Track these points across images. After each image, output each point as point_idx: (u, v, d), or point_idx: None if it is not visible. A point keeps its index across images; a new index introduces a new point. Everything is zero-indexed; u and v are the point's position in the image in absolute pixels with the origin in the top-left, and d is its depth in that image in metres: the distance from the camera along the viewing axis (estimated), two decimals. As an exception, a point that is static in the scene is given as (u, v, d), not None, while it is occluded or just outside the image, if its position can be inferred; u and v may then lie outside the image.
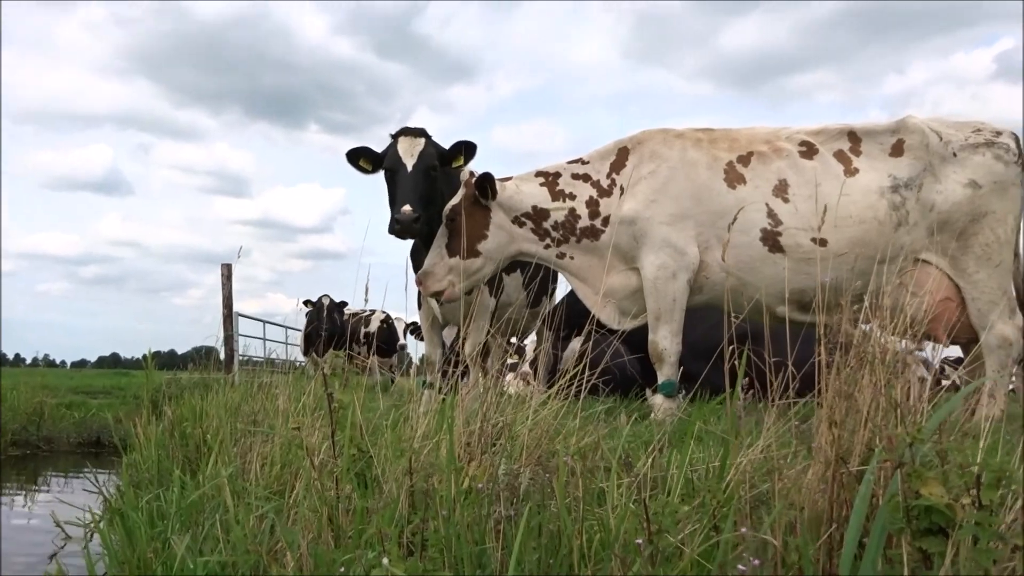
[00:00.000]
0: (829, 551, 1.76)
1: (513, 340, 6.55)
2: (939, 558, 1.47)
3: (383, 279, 6.36)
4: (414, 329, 10.63)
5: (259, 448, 2.97)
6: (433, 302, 5.06)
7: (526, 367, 8.64)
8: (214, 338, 7.82)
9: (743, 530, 1.79)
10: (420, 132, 4.87)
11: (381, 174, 4.90)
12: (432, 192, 4.75)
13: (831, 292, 4.19)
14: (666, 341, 4.50)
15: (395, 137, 4.87)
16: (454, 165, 4.89)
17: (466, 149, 4.88)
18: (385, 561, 1.63)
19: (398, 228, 4.56)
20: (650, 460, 2.30)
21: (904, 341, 2.01)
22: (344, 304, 11.18)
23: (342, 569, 1.85)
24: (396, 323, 12.52)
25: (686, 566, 1.74)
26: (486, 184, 4.72)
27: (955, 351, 5.48)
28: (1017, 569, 1.39)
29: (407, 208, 4.55)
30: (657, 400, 4.51)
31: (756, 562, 1.54)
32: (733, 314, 4.57)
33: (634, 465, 2.36)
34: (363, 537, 1.94)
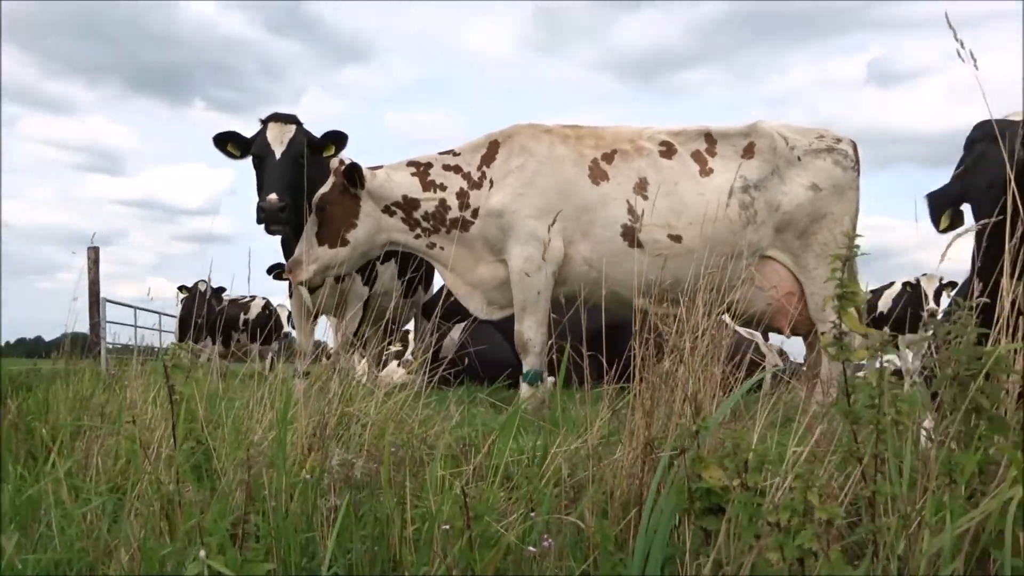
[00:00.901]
0: (635, 531, 1.90)
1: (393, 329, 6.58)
2: (716, 535, 1.62)
3: (268, 264, 6.23)
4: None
5: (103, 441, 2.91)
6: (304, 291, 5.04)
7: (409, 355, 8.67)
8: (82, 324, 7.51)
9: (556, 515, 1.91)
10: (291, 119, 4.83)
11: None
12: (301, 181, 4.72)
13: (688, 286, 4.42)
14: (531, 331, 4.64)
15: (264, 123, 4.81)
16: (324, 154, 4.87)
17: (336, 139, 4.87)
18: (202, 553, 1.66)
19: (263, 217, 4.52)
20: (486, 448, 2.40)
21: (709, 333, 2.17)
22: (222, 290, 10.90)
23: (169, 565, 1.86)
24: (279, 310, 12.29)
25: (503, 548, 1.84)
26: (354, 173, 4.73)
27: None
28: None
29: (273, 197, 4.51)
30: (523, 389, 4.64)
31: (547, 543, 1.64)
32: (596, 305, 4.80)
33: (471, 454, 2.46)
34: (188, 531, 1.95)
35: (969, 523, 1.32)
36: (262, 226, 4.63)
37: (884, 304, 10.76)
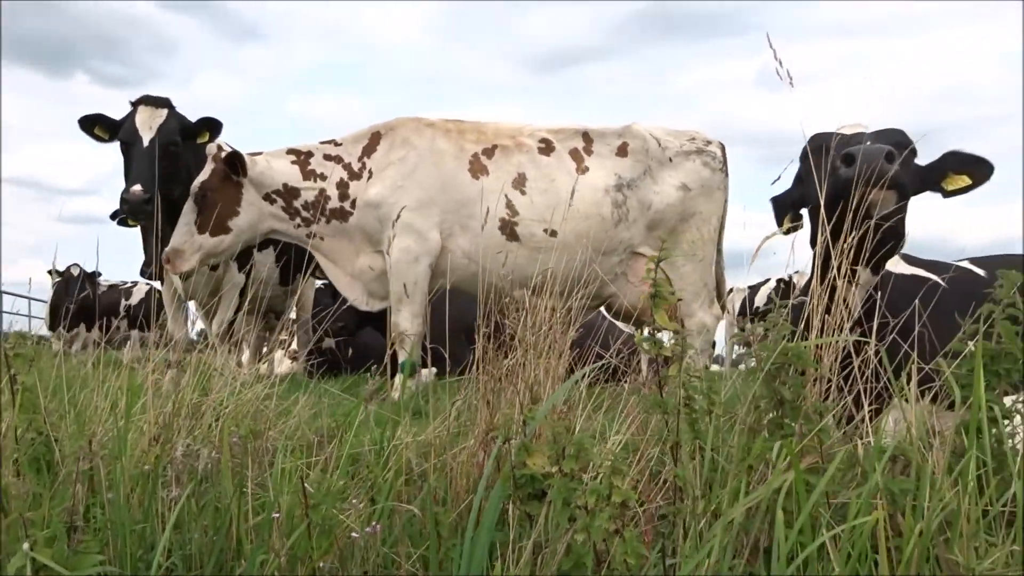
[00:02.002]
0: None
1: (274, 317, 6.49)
2: (538, 519, 1.71)
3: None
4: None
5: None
6: (176, 277, 4.92)
7: (295, 345, 8.55)
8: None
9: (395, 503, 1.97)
10: (162, 102, 4.69)
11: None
12: (172, 169, 4.60)
13: (563, 280, 4.55)
14: (407, 322, 4.68)
15: (134, 106, 4.66)
16: (199, 141, 4.76)
17: (211, 125, 4.77)
18: (25, 546, 1.64)
19: (126, 209, 4.39)
20: (339, 438, 2.43)
21: (552, 326, 2.28)
22: (97, 275, 10.45)
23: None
24: (165, 297, 11.84)
25: (340, 536, 1.89)
26: (236, 161, 4.64)
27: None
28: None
29: (137, 188, 4.38)
30: (397, 379, 4.67)
31: (370, 529, 1.70)
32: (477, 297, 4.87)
33: (325, 444, 2.49)
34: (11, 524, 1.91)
35: (750, 505, 1.45)
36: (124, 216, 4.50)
37: (760, 299, 11.28)
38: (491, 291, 4.66)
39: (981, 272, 3.66)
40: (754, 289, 11.50)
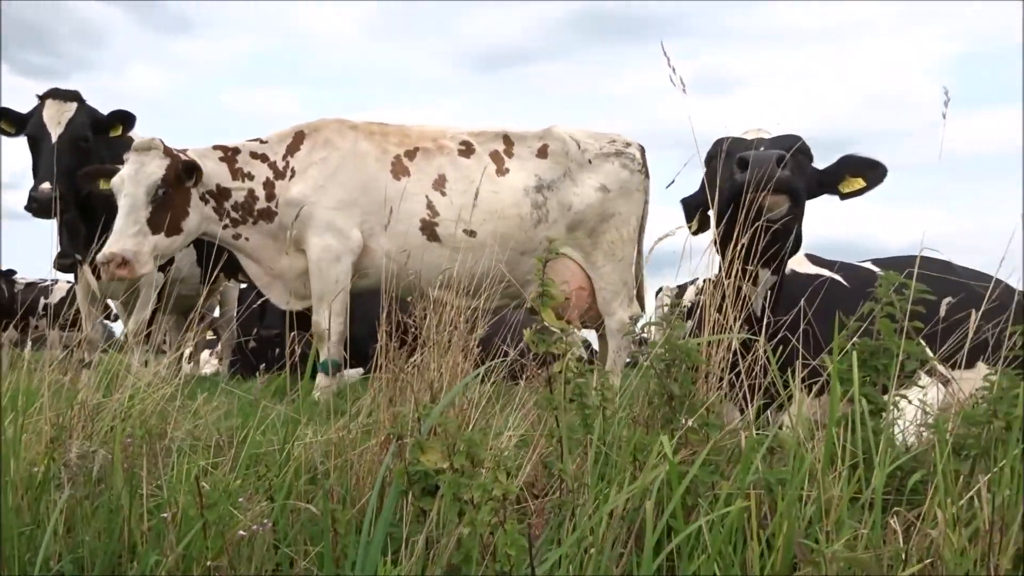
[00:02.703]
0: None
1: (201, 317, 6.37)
2: (430, 514, 1.74)
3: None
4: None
5: None
6: (90, 274, 4.79)
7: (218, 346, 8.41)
8: None
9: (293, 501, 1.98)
10: (72, 96, 4.57)
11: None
12: (83, 165, 4.49)
13: (483, 279, 4.61)
14: (328, 322, 4.66)
15: (42, 99, 4.53)
16: (112, 134, 4.65)
17: (123, 118, 4.67)
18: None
19: (35, 207, 4.26)
20: (245, 438, 2.42)
21: (456, 325, 2.31)
22: (12, 272, 10.08)
23: None
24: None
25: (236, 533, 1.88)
26: (194, 170, 4.54)
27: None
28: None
29: (45, 187, 4.26)
30: (319, 379, 4.66)
31: (257, 526, 1.71)
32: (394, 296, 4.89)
33: (226, 445, 2.47)
34: None
35: (629, 497, 1.50)
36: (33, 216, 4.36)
37: (688, 298, 11.50)
38: (409, 291, 4.72)
39: (881, 272, 3.82)
40: (683, 288, 11.72)
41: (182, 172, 4.54)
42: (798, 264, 3.77)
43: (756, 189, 2.61)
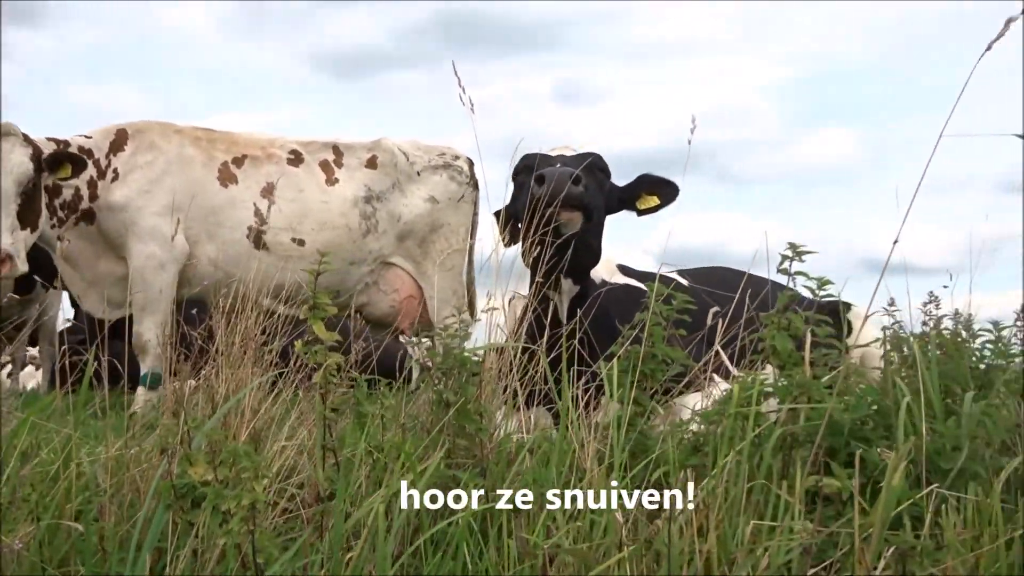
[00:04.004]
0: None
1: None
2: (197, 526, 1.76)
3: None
4: None
5: None
6: None
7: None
8: None
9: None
10: None
11: None
12: None
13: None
14: (150, 332, 4.52)
15: None
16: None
17: None
18: None
19: None
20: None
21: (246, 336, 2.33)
22: None
23: None
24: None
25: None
26: (62, 160, 4.23)
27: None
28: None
29: None
30: (139, 392, 4.50)
31: (7, 549, 1.68)
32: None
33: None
34: None
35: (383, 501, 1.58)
36: None
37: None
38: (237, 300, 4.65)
39: (685, 282, 4.10)
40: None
41: (47, 161, 4.26)
42: (609, 274, 3.99)
43: (551, 204, 2.77)
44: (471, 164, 5.15)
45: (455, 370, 2.10)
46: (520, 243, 3.04)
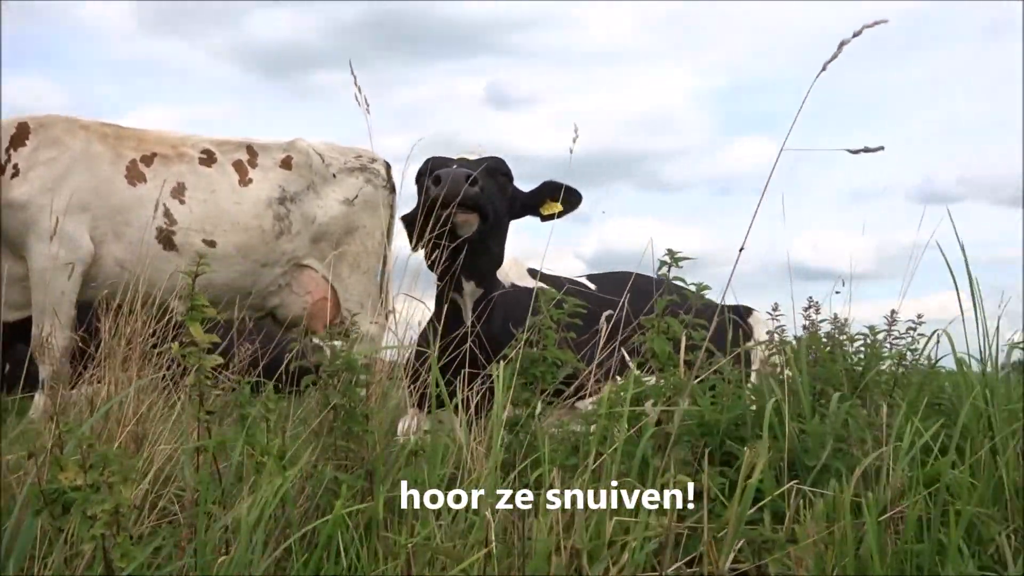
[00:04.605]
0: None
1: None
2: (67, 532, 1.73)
3: None
4: None
5: None
6: None
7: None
8: None
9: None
10: None
11: None
12: None
13: (223, 290, 4.55)
14: (52, 336, 4.38)
15: None
16: None
17: None
18: None
19: None
20: None
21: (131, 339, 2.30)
22: None
23: None
24: None
25: None
26: None
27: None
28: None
29: None
30: (37, 398, 4.37)
31: None
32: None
33: None
34: None
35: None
36: None
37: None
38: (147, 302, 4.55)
39: (593, 287, 4.18)
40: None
41: None
42: (519, 278, 4.04)
43: (447, 204, 2.80)
44: (388, 167, 5.15)
45: (342, 373, 2.11)
46: (423, 245, 3.06)
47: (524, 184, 3.49)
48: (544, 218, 3.46)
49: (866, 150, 1.55)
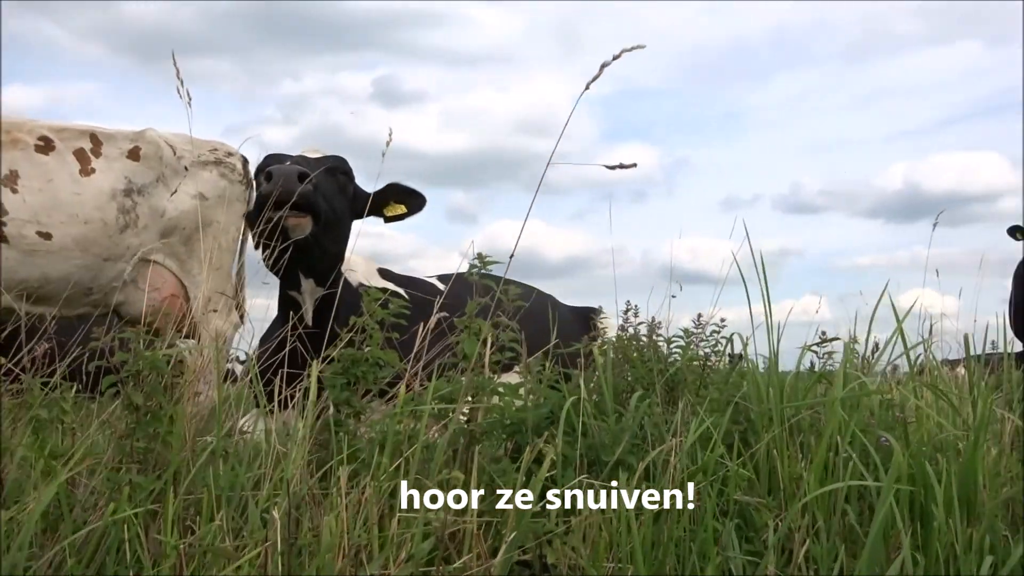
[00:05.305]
0: None
1: None
2: None
3: None
4: None
5: None
6: None
7: None
8: None
9: None
10: None
11: None
12: None
13: (60, 285, 4.35)
14: None
15: None
16: None
17: None
18: None
19: None
20: None
21: None
22: None
23: None
24: None
25: None
26: None
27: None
28: None
29: None
30: None
31: None
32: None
33: None
34: None
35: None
36: None
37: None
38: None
39: (442, 287, 4.22)
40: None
41: None
42: (368, 278, 4.04)
43: (278, 201, 2.78)
44: (245, 162, 5.03)
45: (146, 373, 2.07)
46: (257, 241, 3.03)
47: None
48: (388, 219, 3.48)
49: (621, 166, 1.65)
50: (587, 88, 1.60)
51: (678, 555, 1.88)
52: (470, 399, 2.07)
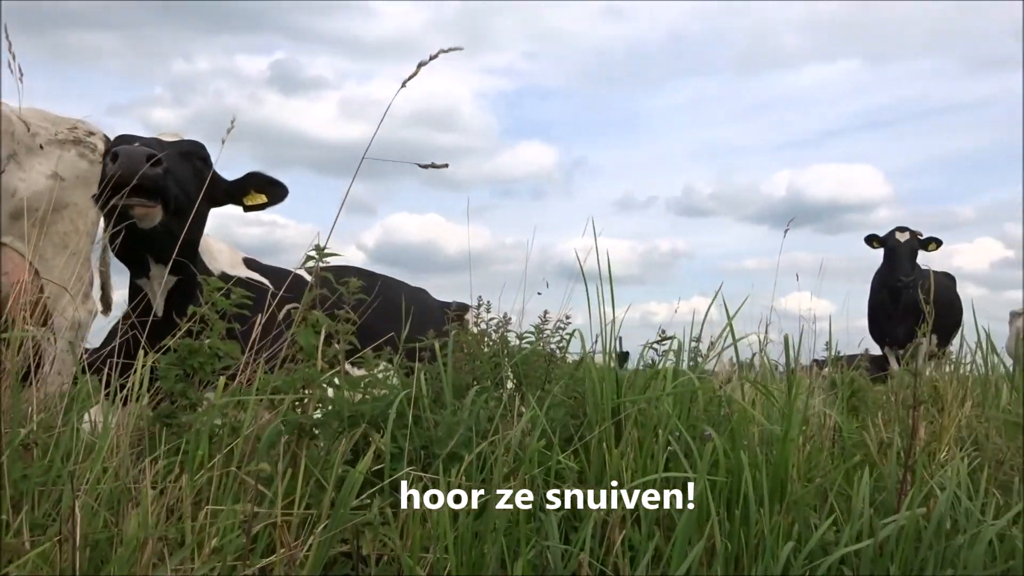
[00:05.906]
0: None
1: None
2: None
3: None
4: None
5: None
6: None
7: None
8: None
9: None
10: None
11: None
12: None
13: None
14: None
15: None
16: None
17: None
18: None
19: None
20: None
21: None
22: None
23: None
24: None
25: None
26: None
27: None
28: None
29: None
30: None
31: None
32: None
33: None
34: None
35: None
36: None
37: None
38: None
39: (310, 278, 4.16)
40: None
41: None
42: (231, 267, 3.95)
43: (121, 183, 2.68)
44: (108, 141, 4.82)
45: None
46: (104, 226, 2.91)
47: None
48: (247, 208, 3.41)
49: (433, 166, 1.68)
50: (403, 86, 1.61)
51: (507, 546, 1.92)
52: (304, 391, 2.05)
